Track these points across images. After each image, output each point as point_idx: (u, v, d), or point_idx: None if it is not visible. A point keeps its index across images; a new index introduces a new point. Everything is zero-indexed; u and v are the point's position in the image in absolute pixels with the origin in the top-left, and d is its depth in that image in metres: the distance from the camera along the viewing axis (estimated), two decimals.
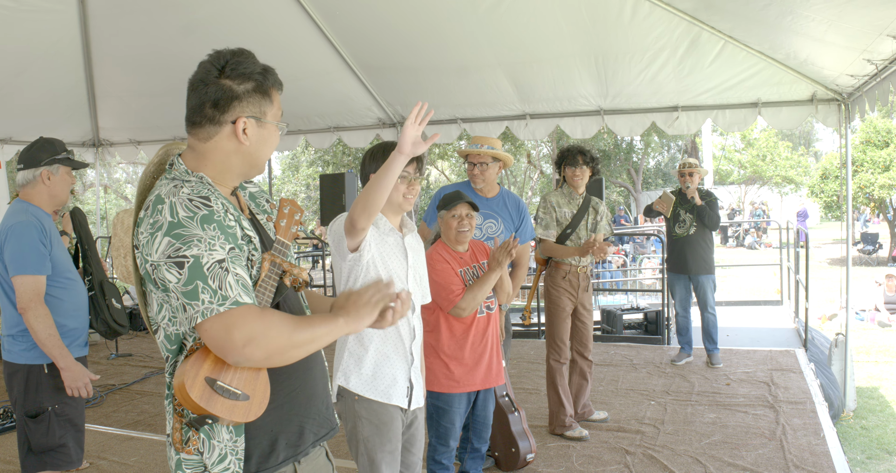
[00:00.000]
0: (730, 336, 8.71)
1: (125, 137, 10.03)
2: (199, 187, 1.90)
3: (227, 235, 1.86)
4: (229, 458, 1.91)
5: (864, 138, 23.40)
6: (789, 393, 6.33)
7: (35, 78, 7.90)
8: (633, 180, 35.23)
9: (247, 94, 1.97)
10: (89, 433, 5.89)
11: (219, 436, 1.91)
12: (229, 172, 2.04)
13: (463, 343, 4.05)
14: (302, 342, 1.87)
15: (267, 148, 2.06)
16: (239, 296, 1.80)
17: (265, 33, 7.27)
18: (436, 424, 4.12)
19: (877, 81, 5.55)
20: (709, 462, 4.89)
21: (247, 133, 1.98)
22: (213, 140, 1.99)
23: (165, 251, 1.79)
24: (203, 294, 1.77)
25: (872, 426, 7.82)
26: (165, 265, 1.79)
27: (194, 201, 1.84)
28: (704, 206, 7.38)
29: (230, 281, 1.80)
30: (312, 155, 30.15)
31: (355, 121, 9.04)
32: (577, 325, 5.70)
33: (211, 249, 1.80)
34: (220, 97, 1.95)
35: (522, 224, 5.10)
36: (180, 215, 1.80)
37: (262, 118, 2.01)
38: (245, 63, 1.97)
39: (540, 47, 7.04)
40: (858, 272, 18.74)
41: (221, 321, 1.78)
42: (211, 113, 1.95)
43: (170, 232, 1.79)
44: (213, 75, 1.95)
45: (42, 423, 3.64)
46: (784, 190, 34.02)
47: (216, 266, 1.79)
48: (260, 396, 1.91)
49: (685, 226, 7.51)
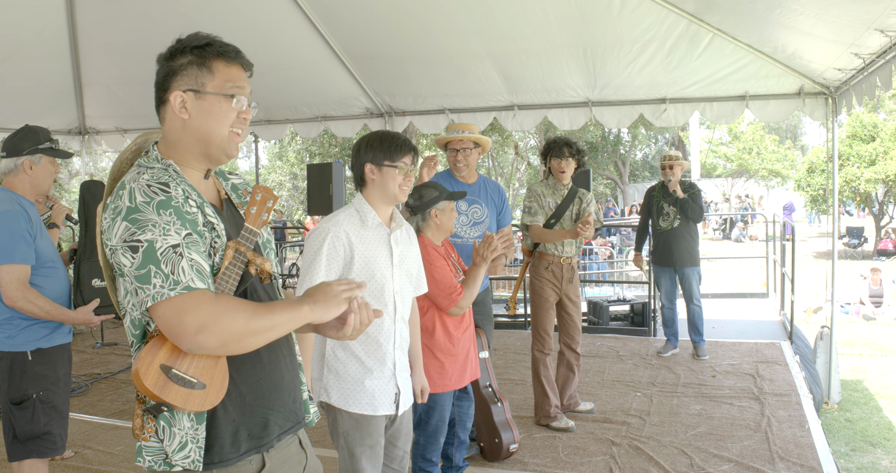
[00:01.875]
0: (716, 328, 8.74)
1: (111, 125, 9.95)
2: (159, 174, 1.89)
3: (185, 220, 1.84)
4: (189, 446, 1.89)
5: (851, 133, 23.49)
6: (774, 385, 6.37)
7: (21, 65, 7.82)
8: (620, 173, 35.31)
9: (181, 68, 1.96)
10: (74, 422, 5.88)
11: (180, 424, 1.88)
12: (188, 153, 2.01)
13: (455, 340, 4.07)
14: (260, 330, 1.82)
15: (212, 120, 1.98)
16: (191, 281, 1.78)
17: (253, 21, 7.22)
18: (426, 423, 4.12)
19: (864, 74, 5.56)
20: (694, 454, 4.91)
21: (186, 107, 1.96)
22: (166, 122, 2.01)
23: (122, 236, 1.78)
24: (155, 278, 1.75)
25: (856, 418, 7.87)
26: (121, 249, 1.79)
27: (152, 187, 1.83)
28: (687, 198, 7.42)
29: (184, 266, 1.78)
30: (299, 145, 30.06)
31: (343, 111, 9.00)
32: (564, 317, 5.71)
33: (165, 233, 1.78)
34: (163, 77, 1.98)
35: (504, 208, 5.19)
36: (138, 200, 1.80)
37: (200, 90, 1.96)
38: (192, 38, 1.96)
39: (528, 38, 7.01)
40: (844, 266, 18.83)
41: (173, 305, 1.76)
42: (158, 95, 2.00)
43: (127, 217, 1.79)
44: (163, 59, 1.99)
45: (27, 410, 3.63)
46: (770, 183, 34.13)
47: (170, 251, 1.77)
48: (217, 385, 1.88)
49: (669, 219, 7.55)
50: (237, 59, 2.01)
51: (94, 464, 4.99)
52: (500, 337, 8.54)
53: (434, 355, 4.00)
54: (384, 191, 3.15)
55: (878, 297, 14.99)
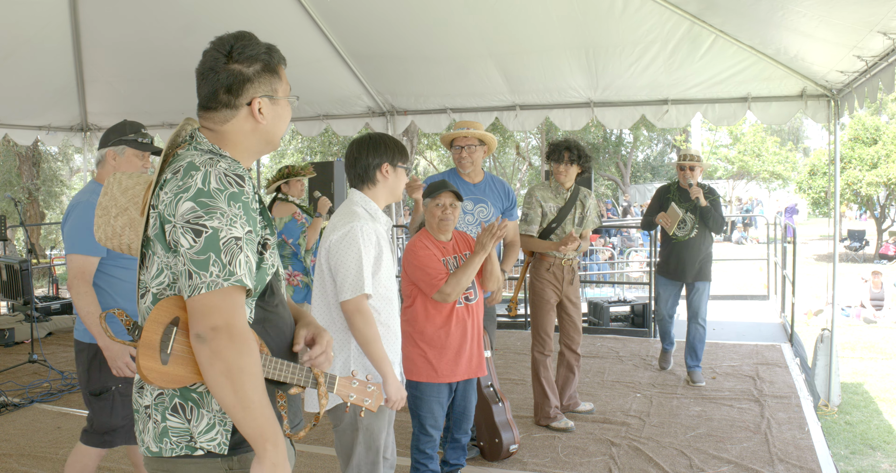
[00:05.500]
0: (716, 330, 8.73)
1: (113, 122, 9.84)
2: (235, 166, 1.93)
3: (250, 217, 1.88)
4: (217, 428, 1.91)
5: (853, 135, 23.44)
6: (774, 387, 6.37)
7: (23, 62, 7.83)
8: (621, 174, 35.28)
9: (257, 75, 2.03)
10: (74, 417, 5.90)
11: (209, 406, 1.90)
12: (247, 151, 2.09)
13: (442, 333, 4.05)
14: (242, 382, 1.78)
15: (282, 123, 2.12)
16: (244, 276, 1.82)
17: (255, 20, 7.22)
18: (415, 413, 4.13)
19: (866, 77, 5.56)
20: (693, 455, 4.91)
21: (262, 112, 2.04)
22: (230, 123, 2.04)
23: (186, 215, 1.81)
24: (213, 266, 1.79)
25: (856, 421, 7.85)
26: (182, 229, 1.81)
27: (228, 177, 1.87)
28: (709, 207, 6.54)
29: (241, 259, 1.82)
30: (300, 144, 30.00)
31: (345, 109, 9.00)
32: (565, 318, 5.71)
33: (231, 224, 1.82)
34: (233, 82, 2.00)
35: (511, 205, 5.17)
36: (211, 186, 1.84)
37: (274, 95, 2.06)
38: (250, 45, 2.03)
39: (531, 38, 7.02)
40: (845, 269, 18.82)
41: (220, 295, 1.80)
42: (226, 98, 2.01)
43: (196, 198, 1.82)
44: (222, 62, 2.00)
45: (106, 401, 3.67)
46: (772, 186, 34.10)
47: (232, 242, 1.82)
48: (190, 373, 1.91)
49: (686, 228, 6.63)
50: (286, 63, 2.14)
51: None
52: (500, 337, 8.54)
53: (417, 344, 4.03)
54: (394, 190, 3.27)
55: (879, 300, 14.97)
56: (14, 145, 18.33)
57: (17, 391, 6.59)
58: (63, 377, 6.98)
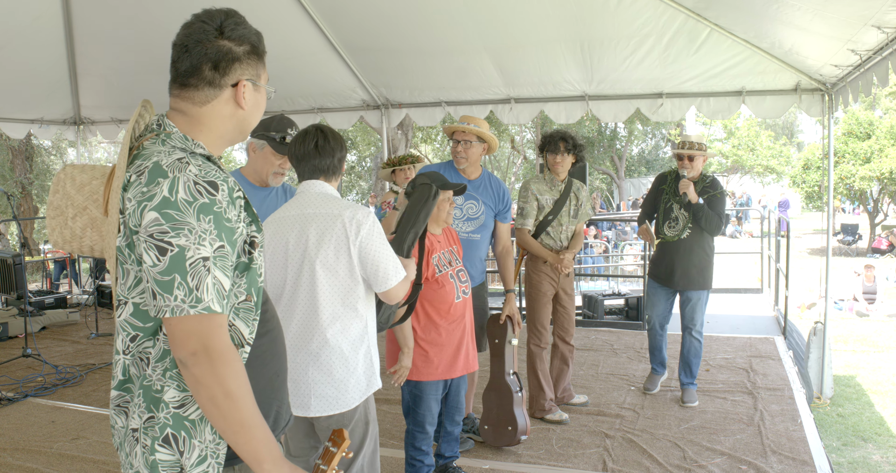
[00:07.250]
0: (710, 323, 8.74)
1: (107, 115, 9.93)
2: (207, 169, 1.77)
3: (222, 229, 1.73)
4: (209, 461, 1.80)
5: (847, 130, 23.51)
6: (768, 380, 6.39)
7: (15, 55, 7.80)
8: (616, 168, 35.29)
9: (246, 55, 1.91)
10: (69, 412, 5.90)
11: (201, 436, 1.79)
12: (221, 139, 1.94)
13: (441, 329, 4.06)
14: (230, 404, 1.71)
15: (258, 113, 2.00)
16: (212, 302, 1.69)
17: (248, 12, 7.02)
18: (413, 411, 4.13)
19: (860, 71, 5.57)
20: (687, 447, 4.92)
21: (245, 97, 1.91)
22: (210, 104, 1.89)
23: (149, 228, 1.68)
24: (178, 290, 1.67)
25: (849, 413, 7.90)
26: (146, 243, 1.68)
27: (199, 186, 1.71)
28: (703, 204, 5.63)
29: (208, 283, 1.69)
30: None
31: (339, 102, 8.99)
32: (559, 310, 5.71)
33: (200, 243, 1.68)
34: (221, 59, 1.86)
35: (504, 208, 5.12)
36: (179, 196, 1.68)
37: (257, 82, 1.95)
38: (242, 24, 1.92)
39: (526, 32, 7.01)
40: (838, 262, 18.87)
41: (187, 323, 1.69)
42: (210, 75, 1.86)
43: (161, 209, 1.68)
44: (212, 35, 1.86)
45: None
46: (766, 180, 34.15)
47: (199, 263, 1.68)
48: None
49: (677, 226, 5.77)
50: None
51: (89, 453, 4.99)
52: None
53: (417, 342, 4.02)
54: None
55: (872, 294, 15.04)
56: (7, 139, 18.26)
57: (11, 386, 6.59)
58: (57, 371, 6.98)
